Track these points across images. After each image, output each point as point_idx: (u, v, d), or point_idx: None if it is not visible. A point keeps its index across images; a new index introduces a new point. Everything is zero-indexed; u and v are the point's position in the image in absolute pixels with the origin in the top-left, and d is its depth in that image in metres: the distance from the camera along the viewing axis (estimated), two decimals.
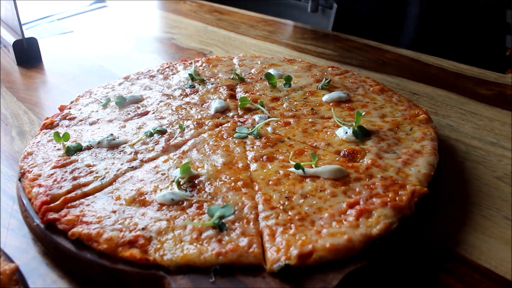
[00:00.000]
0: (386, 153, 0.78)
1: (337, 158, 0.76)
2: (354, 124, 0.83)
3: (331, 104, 0.95)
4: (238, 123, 0.89)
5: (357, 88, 1.02)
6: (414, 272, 0.63)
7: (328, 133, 0.84)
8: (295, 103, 0.96)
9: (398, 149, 0.79)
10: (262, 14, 1.87)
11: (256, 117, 0.90)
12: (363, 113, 0.85)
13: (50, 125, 0.91)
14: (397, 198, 0.66)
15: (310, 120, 0.89)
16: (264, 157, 0.77)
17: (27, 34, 1.38)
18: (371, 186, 0.69)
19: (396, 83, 1.22)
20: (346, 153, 0.78)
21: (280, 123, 0.88)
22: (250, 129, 0.85)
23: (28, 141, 0.96)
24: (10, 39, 1.37)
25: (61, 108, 0.99)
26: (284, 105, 0.95)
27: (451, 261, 0.65)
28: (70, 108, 0.98)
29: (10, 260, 0.60)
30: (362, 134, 0.82)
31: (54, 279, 0.62)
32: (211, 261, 0.57)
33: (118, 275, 0.58)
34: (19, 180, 0.76)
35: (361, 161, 0.76)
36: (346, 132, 0.82)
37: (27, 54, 1.38)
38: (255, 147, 0.80)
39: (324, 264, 0.57)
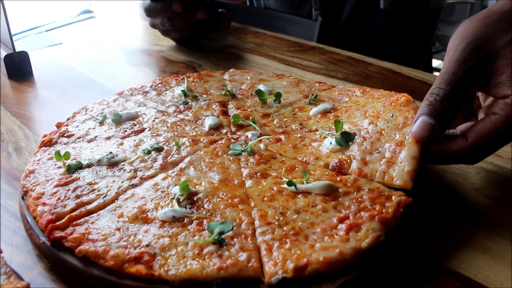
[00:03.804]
0: (370, 155, 0.82)
1: (327, 173, 0.81)
2: (335, 133, 0.87)
3: (318, 116, 0.99)
4: (232, 140, 0.93)
5: (342, 97, 1.07)
6: (400, 281, 0.68)
7: (316, 145, 0.88)
8: (284, 119, 1.00)
9: (381, 144, 0.83)
10: (248, 25, 1.91)
11: (249, 134, 0.94)
12: (343, 120, 0.89)
13: (48, 143, 0.94)
14: (383, 211, 0.71)
15: (299, 135, 0.93)
16: (258, 173, 0.81)
17: (17, 47, 1.39)
18: (359, 199, 0.74)
19: None
20: (334, 165, 0.82)
21: (271, 139, 0.92)
22: (243, 146, 0.89)
23: (25, 157, 0.99)
24: (0, 53, 1.38)
25: (58, 125, 1.01)
26: (275, 122, 0.99)
27: (433, 270, 0.70)
28: (67, 125, 1.00)
29: (20, 278, 0.63)
30: (345, 140, 0.85)
31: None
32: (213, 275, 0.61)
33: None
34: (22, 198, 0.78)
35: (349, 170, 0.80)
36: (331, 143, 0.86)
37: (18, 68, 1.40)
38: (249, 164, 0.84)
39: (318, 276, 0.61)
